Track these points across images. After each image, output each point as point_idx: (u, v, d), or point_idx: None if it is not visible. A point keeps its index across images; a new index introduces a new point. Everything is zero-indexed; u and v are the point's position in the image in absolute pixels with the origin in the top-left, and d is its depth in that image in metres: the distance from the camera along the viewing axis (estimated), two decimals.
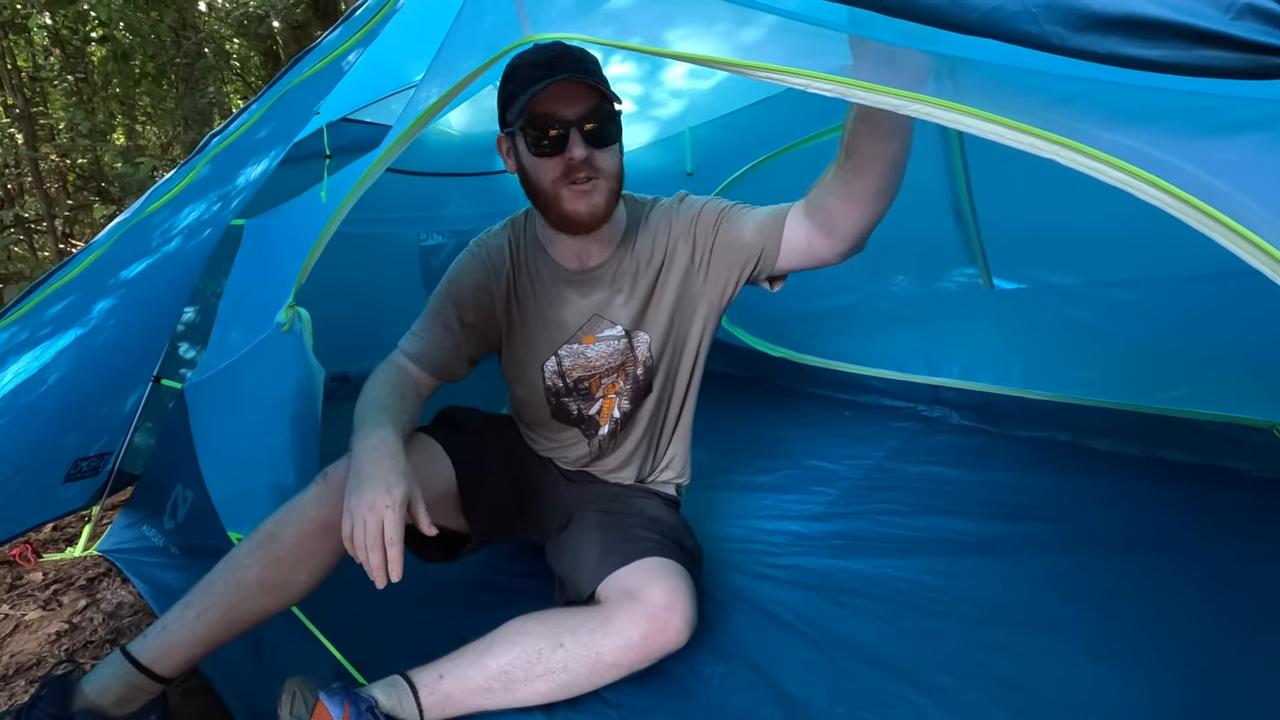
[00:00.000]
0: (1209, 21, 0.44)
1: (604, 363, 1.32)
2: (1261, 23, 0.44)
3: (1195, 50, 0.46)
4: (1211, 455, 2.05)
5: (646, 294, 1.29)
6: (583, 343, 1.31)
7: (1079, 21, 0.48)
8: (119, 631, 1.45)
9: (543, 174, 1.12)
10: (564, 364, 1.33)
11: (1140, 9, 0.46)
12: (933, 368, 2.60)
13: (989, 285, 2.46)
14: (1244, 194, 0.52)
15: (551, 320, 1.30)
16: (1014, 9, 0.50)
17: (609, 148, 1.13)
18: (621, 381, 1.35)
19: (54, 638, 1.44)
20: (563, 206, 1.13)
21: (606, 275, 1.28)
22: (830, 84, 0.69)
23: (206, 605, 1.05)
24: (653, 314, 1.30)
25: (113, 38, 3.68)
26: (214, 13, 3.88)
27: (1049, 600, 1.43)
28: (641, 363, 1.33)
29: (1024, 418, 2.39)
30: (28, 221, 3.91)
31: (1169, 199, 0.55)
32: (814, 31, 0.73)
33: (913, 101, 0.65)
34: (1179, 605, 1.39)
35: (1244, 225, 0.52)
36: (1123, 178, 0.57)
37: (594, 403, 1.36)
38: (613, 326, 1.30)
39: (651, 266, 1.28)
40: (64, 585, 1.62)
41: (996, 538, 1.69)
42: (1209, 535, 1.66)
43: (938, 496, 1.92)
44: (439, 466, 1.26)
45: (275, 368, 1.49)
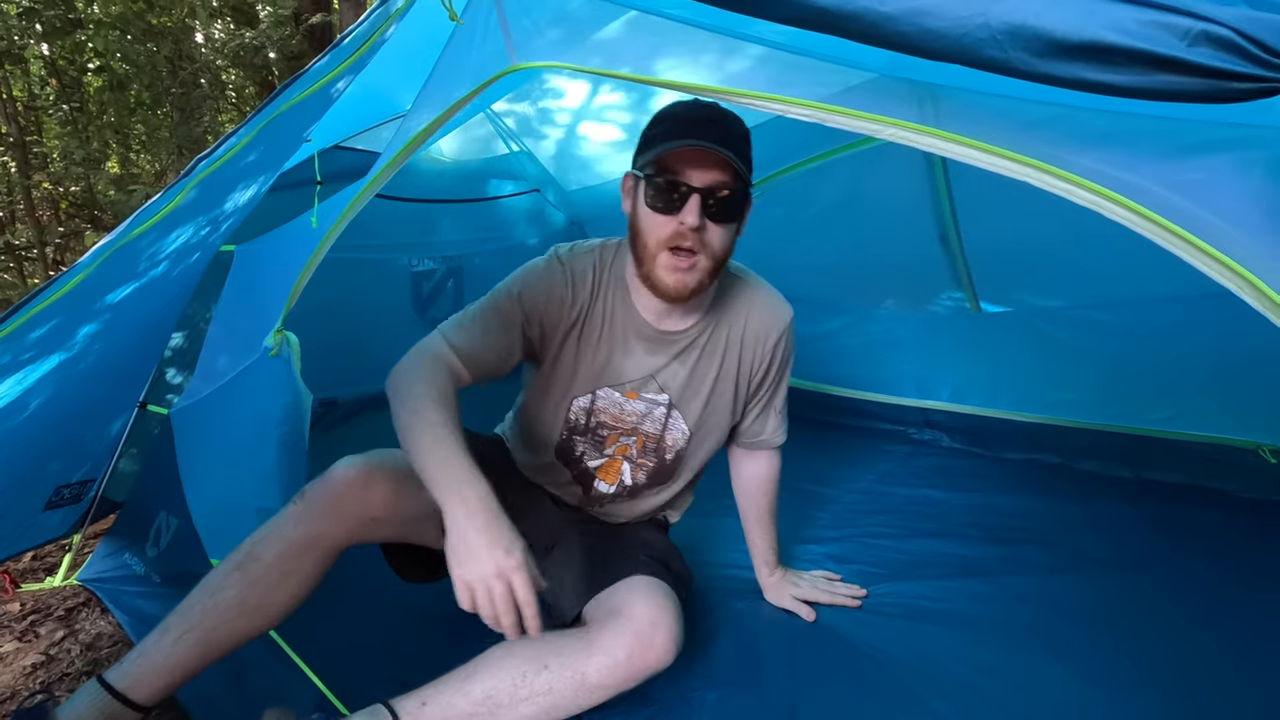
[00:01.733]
0: (1167, 48, 0.46)
1: (633, 422, 1.29)
2: (1217, 49, 0.45)
3: (1155, 75, 0.47)
4: (1198, 476, 2.06)
5: (706, 380, 1.27)
6: (626, 395, 1.27)
7: (1042, 48, 0.49)
8: (97, 663, 1.42)
9: (651, 229, 1.09)
10: (596, 404, 1.28)
11: (1101, 36, 0.47)
12: (923, 391, 2.61)
13: (976, 309, 2.49)
14: (1209, 213, 0.54)
15: (609, 364, 1.25)
16: (981, 36, 0.51)
17: (725, 225, 1.09)
18: (636, 449, 1.31)
19: (30, 670, 1.40)
20: (656, 271, 1.10)
21: (679, 344, 1.25)
22: (809, 110, 0.71)
23: (184, 629, 1.03)
24: (702, 400, 1.28)
25: (109, 68, 3.72)
26: (210, 44, 3.94)
27: (1040, 622, 1.42)
28: (672, 448, 1.30)
29: (1014, 440, 2.40)
30: (18, 249, 3.90)
31: (1136, 219, 0.56)
32: (796, 61, 0.75)
33: (888, 126, 0.67)
34: (1167, 627, 1.39)
35: (1209, 243, 0.53)
36: (1092, 198, 0.58)
37: (600, 455, 1.32)
38: (660, 393, 1.27)
39: (727, 359, 1.27)
40: (42, 616, 1.59)
41: (987, 560, 1.68)
42: (1196, 557, 1.66)
43: (928, 519, 1.92)
44: (421, 483, 1.21)
45: (262, 392, 1.48)
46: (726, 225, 1.08)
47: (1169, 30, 0.46)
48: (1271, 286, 0.51)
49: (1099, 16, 0.48)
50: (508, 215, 2.64)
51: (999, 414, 2.44)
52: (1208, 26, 0.45)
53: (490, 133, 2.50)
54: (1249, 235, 0.52)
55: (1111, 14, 0.48)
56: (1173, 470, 2.11)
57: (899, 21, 0.54)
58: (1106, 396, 2.24)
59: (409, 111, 1.14)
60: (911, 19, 0.53)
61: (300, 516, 1.07)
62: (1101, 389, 2.26)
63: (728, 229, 1.09)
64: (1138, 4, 0.47)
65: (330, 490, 1.10)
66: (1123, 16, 0.47)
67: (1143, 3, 0.47)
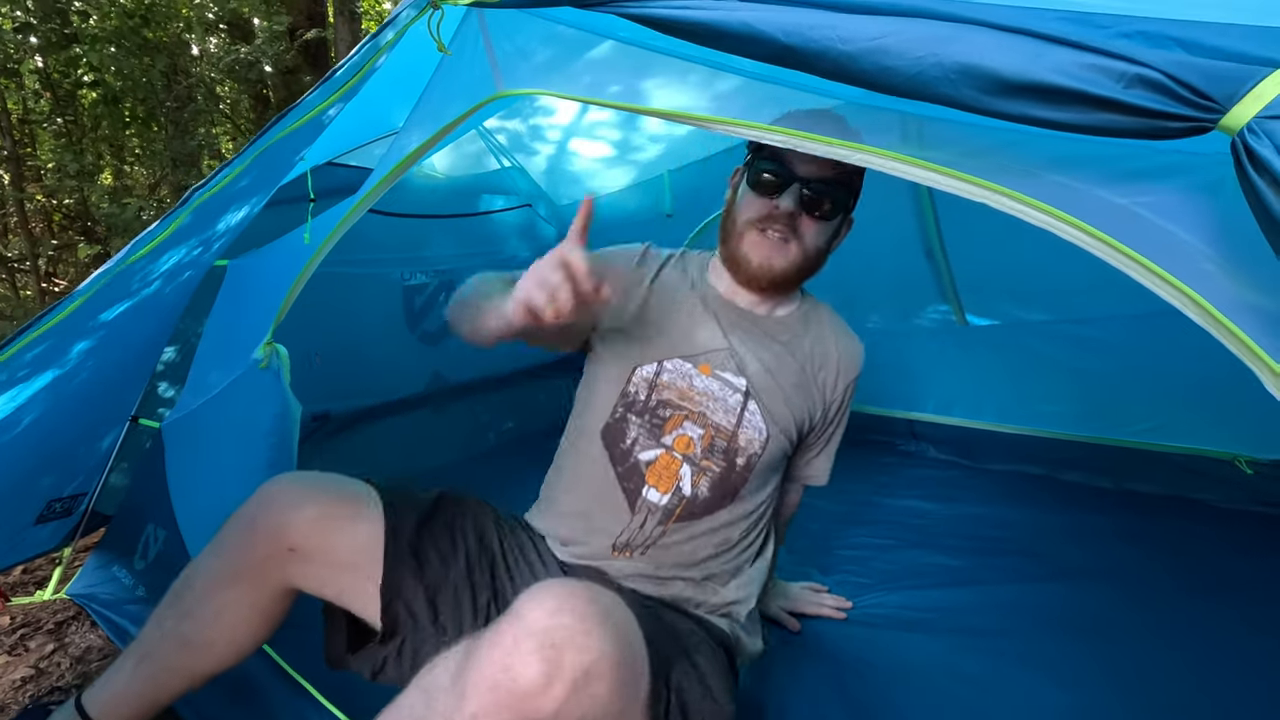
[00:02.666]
0: (1105, 90, 0.49)
1: (702, 404, 1.09)
2: (1150, 91, 0.48)
3: (1095, 114, 0.50)
4: (1179, 487, 2.10)
5: (787, 377, 1.12)
6: (699, 369, 1.11)
7: (991, 86, 0.52)
8: (86, 676, 1.42)
9: (745, 208, 1.07)
10: (662, 378, 1.10)
11: (1044, 77, 0.50)
12: (909, 403, 2.64)
13: (963, 321, 2.53)
14: (1154, 234, 0.57)
15: (679, 329, 1.13)
16: (935, 74, 0.54)
17: (820, 222, 1.05)
18: (702, 445, 1.08)
19: (19, 684, 1.41)
20: (742, 248, 1.07)
21: (762, 326, 1.14)
22: (780, 136, 0.74)
23: (139, 657, 0.97)
24: (783, 398, 1.11)
25: (104, 82, 3.75)
26: (206, 58, 3.97)
27: (1023, 632, 1.44)
28: (745, 450, 1.08)
29: (998, 451, 2.43)
30: (10, 260, 3.91)
31: (1089, 239, 0.59)
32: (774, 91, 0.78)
33: (856, 151, 0.70)
34: (1145, 637, 1.42)
35: (1155, 262, 0.56)
36: (1047, 220, 0.61)
37: (656, 444, 1.08)
38: (738, 375, 1.10)
39: (808, 369, 1.15)
40: (31, 629, 1.59)
41: (972, 570, 1.71)
42: (1175, 567, 1.69)
43: (914, 530, 1.94)
44: (359, 523, 0.98)
45: (252, 404, 1.50)
46: (821, 222, 1.05)
47: (1106, 73, 0.49)
48: (1212, 303, 0.54)
49: (1043, 59, 0.51)
50: (499, 229, 2.67)
51: (984, 425, 2.47)
52: (1141, 70, 0.48)
53: (482, 149, 2.53)
54: (1191, 255, 0.55)
55: (1054, 57, 0.51)
56: (1153, 481, 2.15)
57: (860, 60, 0.57)
58: (1089, 409, 2.28)
59: (400, 131, 1.17)
60: (871, 57, 0.56)
61: (219, 539, 0.97)
62: (1084, 401, 2.29)
63: (821, 227, 1.05)
64: (1078, 48, 0.50)
65: (248, 508, 0.97)
66: (1064, 59, 0.50)
67: (1083, 46, 0.50)
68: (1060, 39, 0.51)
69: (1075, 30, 0.52)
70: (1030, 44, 0.52)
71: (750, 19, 0.61)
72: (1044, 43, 0.51)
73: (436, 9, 0.82)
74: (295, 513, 0.93)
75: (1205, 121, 0.48)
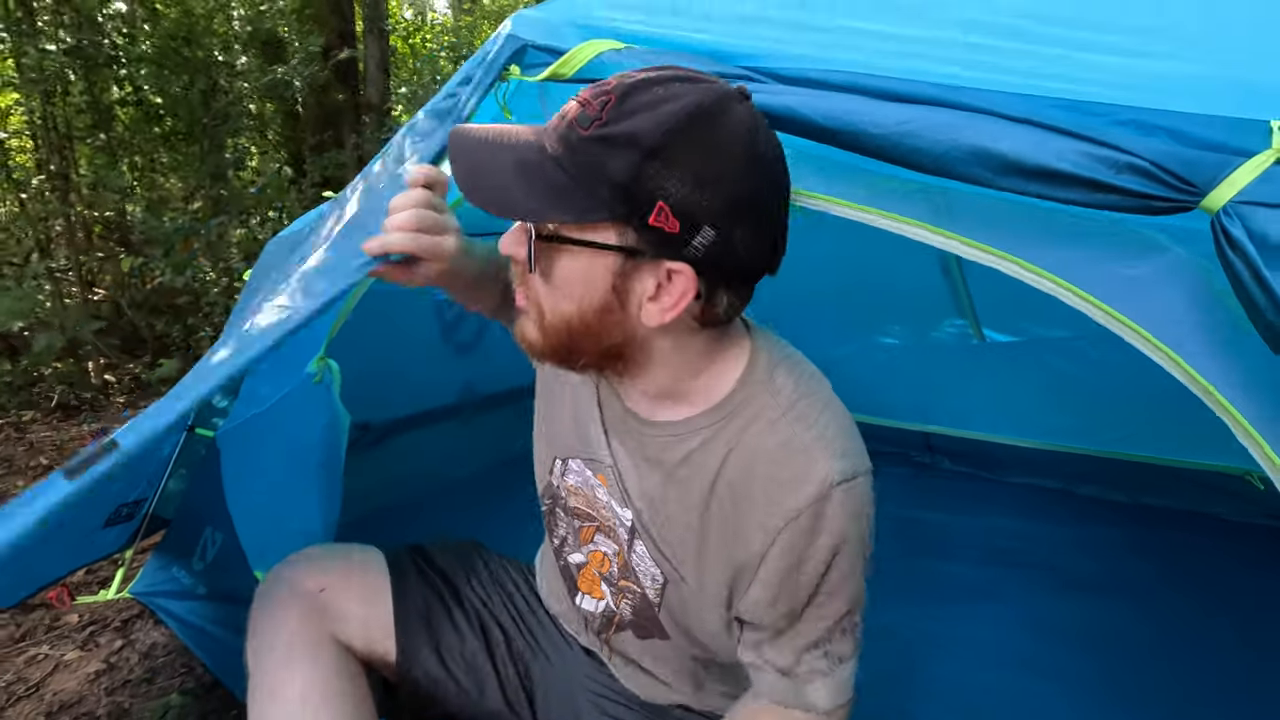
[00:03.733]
0: (1101, 175, 0.57)
1: (608, 520, 0.89)
2: (1140, 177, 0.56)
3: (1093, 194, 0.58)
4: (1192, 501, 2.15)
5: (690, 511, 0.80)
6: (597, 478, 0.89)
7: (1001, 168, 0.60)
8: (155, 671, 1.53)
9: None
10: (568, 480, 0.93)
11: (1048, 162, 0.59)
12: (924, 416, 2.70)
13: (980, 337, 2.59)
14: (1148, 304, 0.65)
15: (575, 420, 0.91)
16: (954, 155, 0.63)
17: (544, 277, 0.68)
18: (617, 564, 0.90)
19: (93, 677, 1.52)
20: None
21: (655, 440, 0.81)
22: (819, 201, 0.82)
23: None
24: (689, 538, 0.81)
25: (145, 100, 3.90)
26: (244, 78, 4.12)
27: (1037, 645, 1.50)
28: (651, 588, 0.86)
29: (1014, 464, 2.48)
30: (55, 271, 4.06)
31: (1091, 308, 0.67)
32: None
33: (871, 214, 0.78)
34: (1162, 651, 1.47)
35: (1149, 331, 0.64)
36: (1055, 289, 0.69)
37: (579, 550, 0.95)
38: (623, 506, 0.86)
39: (712, 504, 0.78)
40: (100, 626, 1.71)
41: (988, 582, 1.77)
42: (1188, 581, 1.74)
43: (931, 541, 2.00)
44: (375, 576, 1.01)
45: (304, 416, 1.61)
46: (550, 279, 0.68)
47: (1102, 161, 0.57)
48: (1195, 369, 0.62)
49: (1047, 146, 0.59)
50: None
51: (1001, 439, 2.53)
52: (1132, 159, 0.56)
53: None
54: (1177, 324, 0.63)
55: (1056, 144, 0.59)
56: (1168, 495, 2.20)
57: (889, 141, 0.65)
58: (1107, 424, 2.32)
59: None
60: (899, 140, 0.65)
61: (255, 623, 0.94)
62: (1101, 417, 2.34)
63: (555, 285, 0.68)
64: (1077, 137, 0.58)
65: (266, 586, 0.99)
66: (1065, 147, 0.58)
67: (1081, 136, 0.58)
68: (1061, 129, 0.59)
69: (1074, 119, 0.60)
70: (1036, 133, 0.60)
71: (793, 103, 0.69)
72: (1048, 131, 0.60)
73: (505, 81, 0.92)
74: (307, 560, 1.01)
75: (1188, 203, 0.56)
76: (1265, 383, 0.61)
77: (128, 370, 4.08)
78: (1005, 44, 0.72)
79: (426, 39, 6.80)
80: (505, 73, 0.94)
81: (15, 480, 2.71)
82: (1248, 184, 0.54)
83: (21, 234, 4.50)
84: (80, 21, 3.59)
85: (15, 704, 1.44)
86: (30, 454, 2.98)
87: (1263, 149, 0.54)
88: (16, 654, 1.60)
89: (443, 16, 10.31)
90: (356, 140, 4.97)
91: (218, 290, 4.21)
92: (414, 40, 6.57)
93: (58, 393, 3.56)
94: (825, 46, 0.77)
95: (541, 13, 1.01)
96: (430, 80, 5.94)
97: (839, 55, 0.75)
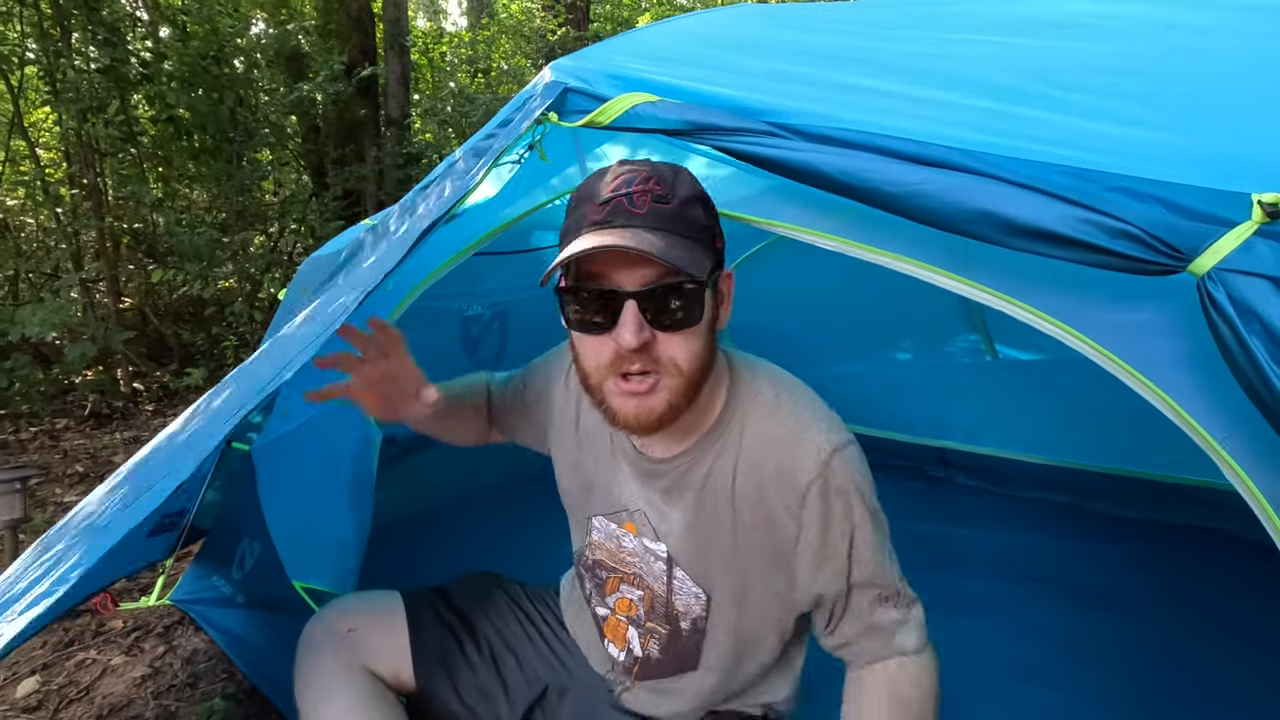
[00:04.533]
0: (1096, 239, 0.63)
1: (636, 565, 0.99)
2: (1131, 242, 0.62)
3: (1089, 255, 0.64)
4: (1202, 518, 2.18)
5: (719, 530, 0.91)
6: (623, 526, 0.99)
7: (1004, 228, 0.67)
8: (197, 676, 1.60)
9: (586, 354, 0.82)
10: (592, 537, 1.04)
11: (1049, 225, 0.65)
12: (938, 431, 2.75)
13: (993, 354, 2.63)
14: (1142, 348, 0.70)
15: (600, 482, 1.01)
16: (962, 215, 0.69)
17: (683, 332, 0.78)
18: (644, 607, 1.00)
19: (139, 681, 1.60)
20: (610, 403, 0.82)
21: (666, 478, 0.92)
22: (836, 243, 0.89)
23: None
24: (721, 558, 0.91)
25: (175, 117, 4.02)
26: (271, 95, 4.24)
27: (1047, 654, 1.55)
28: (686, 615, 0.96)
29: (1026, 480, 2.52)
30: (87, 282, 4.18)
31: (1089, 349, 0.73)
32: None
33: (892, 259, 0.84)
34: (1171, 665, 1.51)
35: (1142, 373, 0.69)
36: (1058, 332, 0.75)
37: (603, 603, 1.05)
38: (655, 541, 0.95)
39: (739, 506, 0.89)
40: (143, 632, 1.78)
41: (998, 596, 1.82)
42: (1196, 597, 1.78)
43: (943, 555, 2.05)
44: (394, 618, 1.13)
45: (337, 432, 1.68)
46: (686, 333, 0.78)
47: (1098, 227, 0.63)
48: (1184, 407, 0.68)
49: (1048, 211, 0.65)
50: (549, 264, 2.85)
51: (1013, 455, 2.57)
52: (1125, 226, 0.62)
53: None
54: (1169, 366, 0.69)
55: (1056, 210, 0.65)
56: (1179, 513, 2.23)
57: (902, 199, 0.72)
58: (1117, 442, 2.34)
59: (488, 205, 1.34)
60: (911, 199, 0.71)
61: (300, 669, 1.07)
62: (1112, 435, 2.36)
63: (690, 337, 0.79)
64: (1076, 204, 0.64)
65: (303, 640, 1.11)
66: (1064, 213, 0.64)
67: (1079, 204, 0.64)
68: (1061, 196, 0.65)
69: (1072, 184, 0.66)
70: (1038, 198, 0.66)
71: (814, 160, 0.76)
72: (1049, 198, 0.65)
73: (540, 124, 0.99)
74: (338, 606, 1.15)
75: (1175, 267, 0.61)
76: (1253, 424, 0.67)
77: (156, 379, 4.20)
78: (1012, 109, 0.79)
79: (444, 53, 6.93)
80: (542, 117, 1.01)
81: (53, 488, 2.81)
82: (1230, 252, 0.59)
83: (54, 246, 4.64)
84: (114, 40, 3.72)
85: (67, 706, 1.52)
86: (66, 462, 3.08)
87: (1244, 220, 0.60)
88: (66, 658, 1.68)
89: (459, 28, 10.46)
90: (376, 154, 5.08)
91: (241, 299, 4.33)
92: (433, 54, 6.69)
93: (90, 401, 3.67)
94: (848, 106, 0.83)
95: (576, 61, 1.08)
96: (448, 94, 6.05)
97: (860, 117, 0.81)
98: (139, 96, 4.04)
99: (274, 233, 5.12)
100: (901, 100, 0.84)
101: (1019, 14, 1.08)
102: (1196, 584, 1.84)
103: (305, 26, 4.49)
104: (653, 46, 1.15)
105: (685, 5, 9.77)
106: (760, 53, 1.09)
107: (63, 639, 1.75)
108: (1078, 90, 0.80)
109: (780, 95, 0.89)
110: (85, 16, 3.69)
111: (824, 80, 0.93)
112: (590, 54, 1.09)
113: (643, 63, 1.02)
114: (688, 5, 9.80)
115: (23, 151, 4.32)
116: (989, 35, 1.01)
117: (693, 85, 0.95)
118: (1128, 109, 0.75)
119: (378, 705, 1.01)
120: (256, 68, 4.15)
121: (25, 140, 4.02)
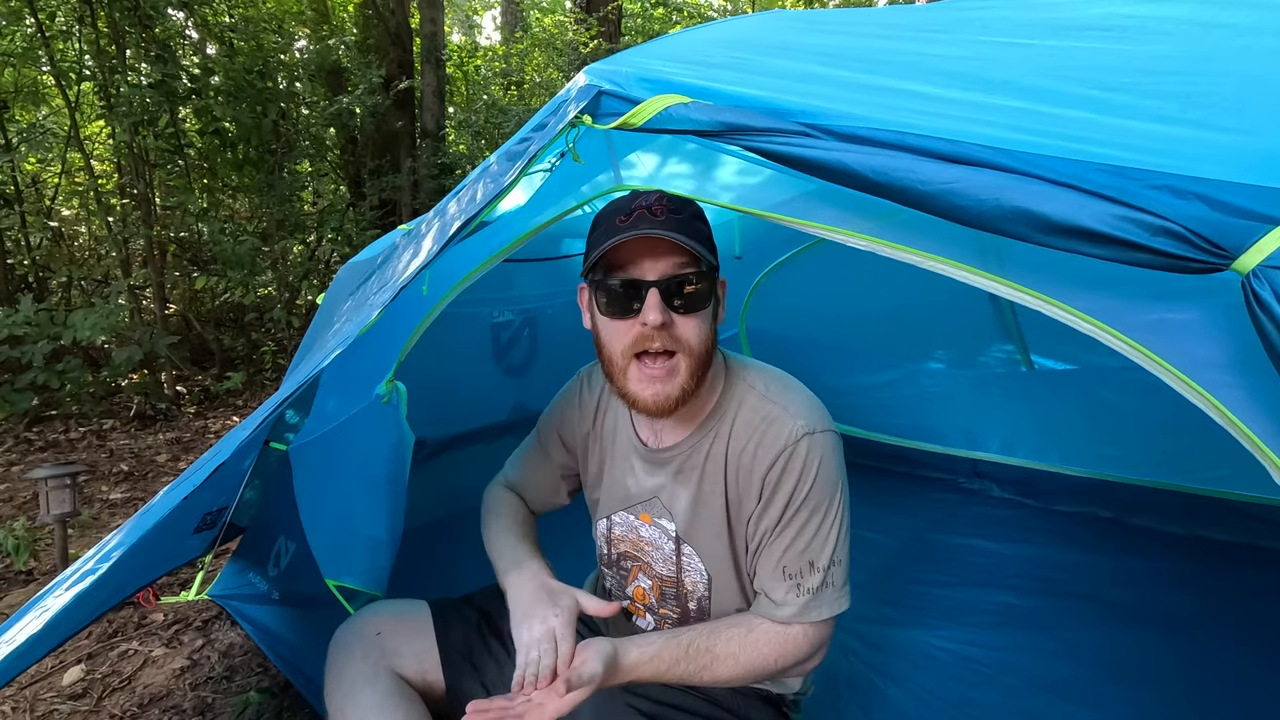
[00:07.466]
0: (1136, 237, 0.62)
1: (649, 554, 1.15)
2: (1173, 240, 0.61)
3: (1128, 253, 0.63)
4: (1252, 535, 2.10)
5: (716, 509, 1.06)
6: (639, 518, 1.14)
7: (1040, 226, 0.66)
8: (233, 669, 1.64)
9: (612, 338, 0.97)
10: (614, 532, 1.18)
11: (1086, 223, 0.64)
12: (972, 442, 2.70)
13: (1029, 365, 2.58)
14: (1184, 347, 0.69)
15: (617, 479, 1.16)
16: (996, 213, 0.68)
17: (697, 315, 0.95)
18: (655, 595, 1.15)
19: (179, 672, 1.64)
20: (630, 387, 0.97)
21: (673, 462, 1.08)
22: (866, 242, 0.88)
23: None
24: (720, 534, 1.06)
25: (221, 130, 4.17)
26: (312, 108, 4.37)
27: (1086, 673, 1.51)
28: (694, 595, 1.11)
29: (1064, 493, 2.46)
30: (135, 288, 4.33)
31: (1127, 348, 0.72)
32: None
33: (910, 254, 0.84)
34: (1217, 688, 1.46)
35: (1184, 372, 0.68)
36: (1094, 330, 0.74)
37: (623, 594, 1.20)
38: (669, 519, 1.10)
39: (729, 484, 1.05)
40: (183, 626, 1.83)
41: (1034, 611, 1.77)
42: (1244, 617, 1.71)
43: (978, 569, 2.01)
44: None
45: (372, 434, 1.71)
46: (698, 315, 0.95)
47: (1137, 224, 0.62)
48: (1230, 409, 0.66)
49: (1086, 208, 0.64)
50: (579, 270, 2.88)
51: (1049, 467, 2.51)
52: (1165, 224, 0.61)
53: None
54: (1213, 367, 0.67)
55: (1094, 207, 0.64)
56: (1226, 529, 2.15)
57: (935, 198, 0.71)
58: (1160, 455, 2.28)
59: (523, 210, 1.36)
60: (944, 197, 0.71)
61: (331, 670, 1.11)
62: (1155, 447, 2.30)
63: (701, 319, 0.96)
64: (1114, 201, 0.63)
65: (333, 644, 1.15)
66: (1102, 210, 0.63)
67: (1117, 200, 0.63)
68: (1099, 193, 0.64)
69: (1112, 182, 0.65)
70: (1076, 196, 0.65)
71: (846, 159, 0.76)
72: (1086, 195, 0.65)
73: (574, 127, 1.00)
74: (368, 610, 1.19)
75: (1219, 265, 0.60)
76: None
77: (197, 382, 4.33)
78: (1049, 109, 0.78)
79: (478, 66, 7.06)
80: (576, 119, 1.03)
81: (99, 485, 2.91)
82: (1276, 249, 0.58)
83: (105, 254, 4.83)
84: (165, 57, 3.88)
85: (110, 695, 1.57)
86: (112, 461, 3.19)
87: None
88: (110, 649, 1.74)
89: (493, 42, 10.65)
90: (412, 164, 5.19)
91: (280, 306, 4.45)
92: (468, 68, 6.82)
93: (135, 403, 3.80)
94: (882, 107, 0.83)
95: (610, 65, 1.09)
96: (482, 107, 6.16)
97: (894, 117, 0.80)
98: (187, 110, 4.19)
99: (312, 241, 5.27)
100: (936, 101, 0.84)
101: (1056, 17, 1.07)
102: (1243, 604, 1.77)
103: (346, 42, 4.62)
104: (685, 50, 1.16)
105: (715, 18, 9.82)
106: (793, 55, 1.09)
107: (106, 630, 1.81)
108: (1117, 90, 0.79)
109: (813, 96, 0.89)
110: (139, 34, 3.85)
111: (857, 82, 0.93)
112: (624, 58, 1.10)
113: (676, 66, 1.03)
114: (718, 18, 9.85)
115: (78, 163, 4.52)
116: (1026, 38, 1.00)
117: (725, 87, 0.95)
118: (1169, 108, 0.74)
119: (401, 705, 1.07)
120: (299, 82, 4.27)
121: (81, 152, 4.20)
